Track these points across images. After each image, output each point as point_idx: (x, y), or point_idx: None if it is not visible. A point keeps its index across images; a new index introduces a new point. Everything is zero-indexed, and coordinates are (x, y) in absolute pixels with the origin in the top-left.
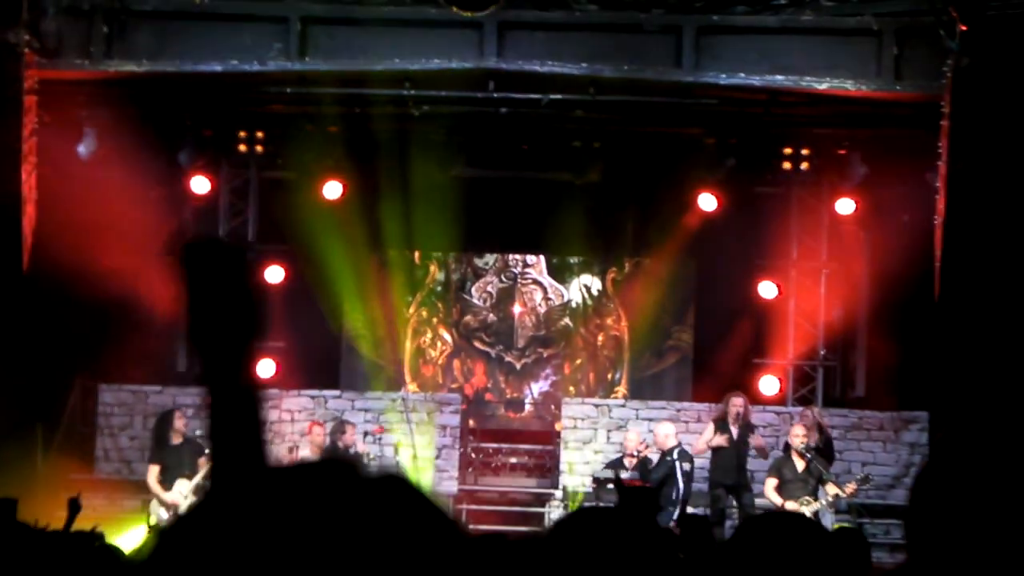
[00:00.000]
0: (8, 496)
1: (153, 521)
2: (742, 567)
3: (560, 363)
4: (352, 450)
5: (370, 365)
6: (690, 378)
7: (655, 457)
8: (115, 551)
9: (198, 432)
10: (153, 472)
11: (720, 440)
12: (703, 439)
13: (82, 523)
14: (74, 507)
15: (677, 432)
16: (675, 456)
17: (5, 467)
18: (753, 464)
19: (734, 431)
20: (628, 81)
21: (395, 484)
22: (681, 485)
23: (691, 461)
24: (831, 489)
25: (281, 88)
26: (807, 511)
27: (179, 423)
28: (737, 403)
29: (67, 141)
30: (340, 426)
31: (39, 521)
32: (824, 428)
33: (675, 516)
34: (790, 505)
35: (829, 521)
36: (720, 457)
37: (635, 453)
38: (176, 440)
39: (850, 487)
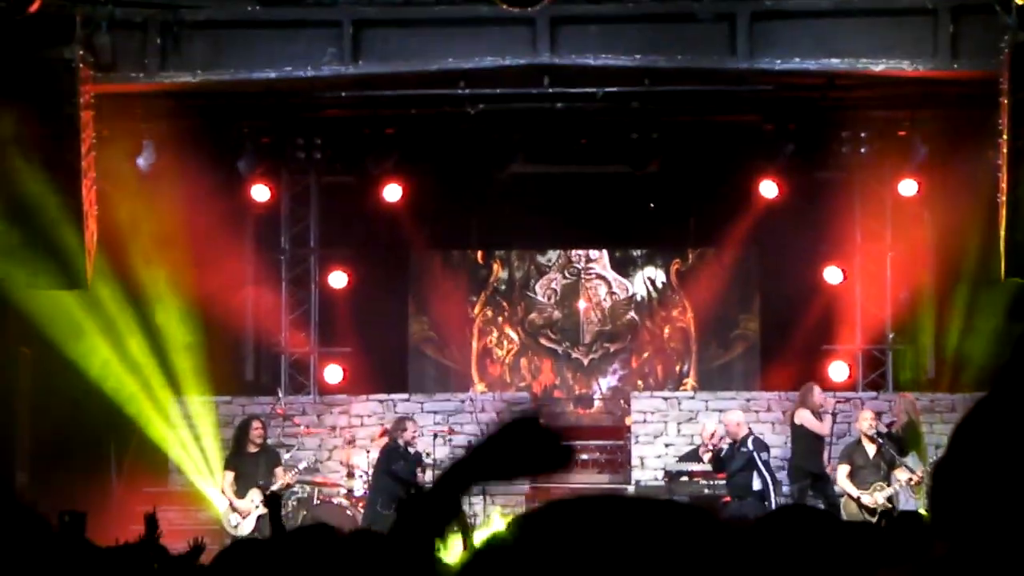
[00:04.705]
0: (81, 510)
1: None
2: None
3: (627, 357)
4: (412, 449)
5: (437, 367)
6: (758, 367)
7: (726, 447)
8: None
9: (271, 441)
10: (227, 478)
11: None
12: (827, 426)
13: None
14: (151, 523)
15: (748, 421)
16: (751, 446)
17: (79, 481)
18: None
19: (826, 418)
20: (683, 71)
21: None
22: (766, 475)
23: (767, 450)
24: (902, 474)
25: (336, 93)
26: (880, 496)
27: (256, 432)
28: (821, 392)
29: (126, 154)
30: (400, 423)
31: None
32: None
33: (772, 505)
34: (863, 492)
35: (911, 504)
36: (807, 443)
37: (710, 445)
38: (252, 449)
39: (921, 471)
